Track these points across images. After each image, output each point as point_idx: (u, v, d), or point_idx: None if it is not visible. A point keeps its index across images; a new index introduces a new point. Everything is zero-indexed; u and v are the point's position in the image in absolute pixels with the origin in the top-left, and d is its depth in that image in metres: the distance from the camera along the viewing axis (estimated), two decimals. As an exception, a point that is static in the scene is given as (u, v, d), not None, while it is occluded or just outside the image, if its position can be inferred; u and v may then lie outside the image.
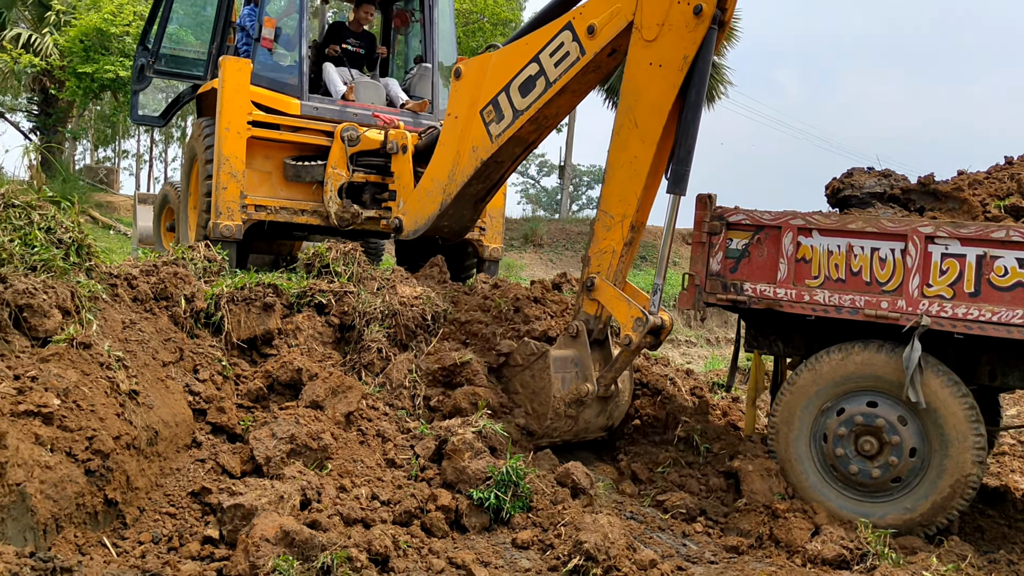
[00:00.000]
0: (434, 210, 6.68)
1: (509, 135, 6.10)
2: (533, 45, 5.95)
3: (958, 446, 4.89)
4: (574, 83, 5.81)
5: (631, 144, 5.37)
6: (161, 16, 8.49)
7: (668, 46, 5.15)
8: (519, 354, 5.61)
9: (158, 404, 4.52)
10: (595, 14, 5.55)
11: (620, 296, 5.38)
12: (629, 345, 5.29)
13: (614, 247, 5.49)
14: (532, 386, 5.53)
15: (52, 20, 21.18)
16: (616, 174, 5.48)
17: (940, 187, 5.30)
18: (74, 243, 4.70)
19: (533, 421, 5.48)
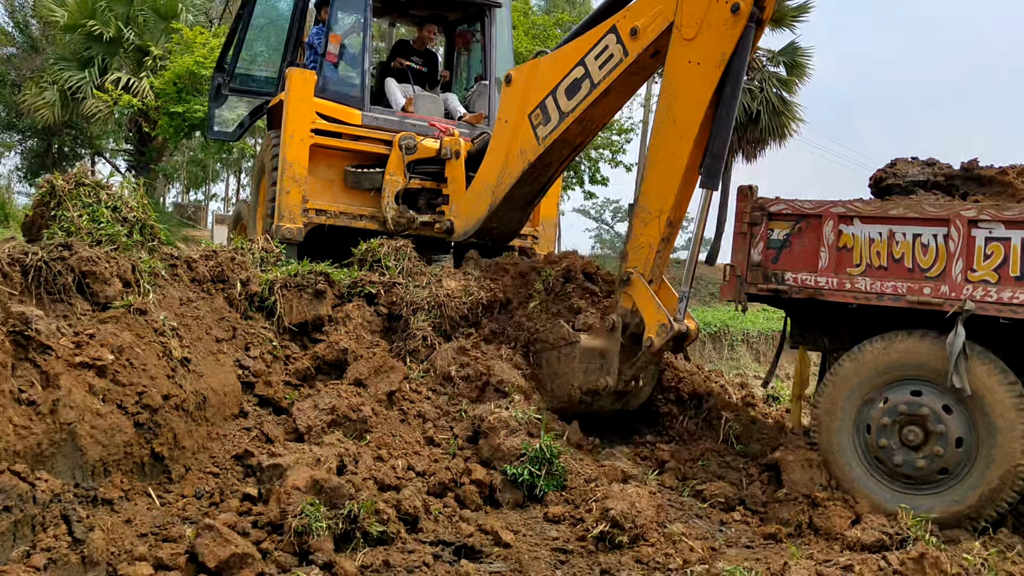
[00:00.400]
0: (484, 211, 6.87)
1: (556, 136, 6.27)
2: (579, 49, 6.14)
3: (1007, 435, 4.73)
4: (618, 84, 5.96)
5: (669, 140, 5.46)
6: (237, 39, 9.03)
7: (707, 44, 5.27)
8: (552, 334, 5.73)
9: (208, 373, 4.76)
10: (638, 17, 5.71)
11: (652, 297, 5.45)
12: (650, 347, 5.37)
13: (651, 242, 5.55)
14: (556, 368, 5.69)
15: (149, 64, 22.55)
16: (654, 170, 5.58)
17: (984, 172, 5.22)
18: (138, 222, 5.04)
19: (548, 398, 5.63)
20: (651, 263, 5.56)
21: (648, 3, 5.70)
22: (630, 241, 5.67)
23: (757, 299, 5.76)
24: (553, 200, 8.42)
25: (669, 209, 5.49)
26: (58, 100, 22.66)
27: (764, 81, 22.31)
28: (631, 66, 5.81)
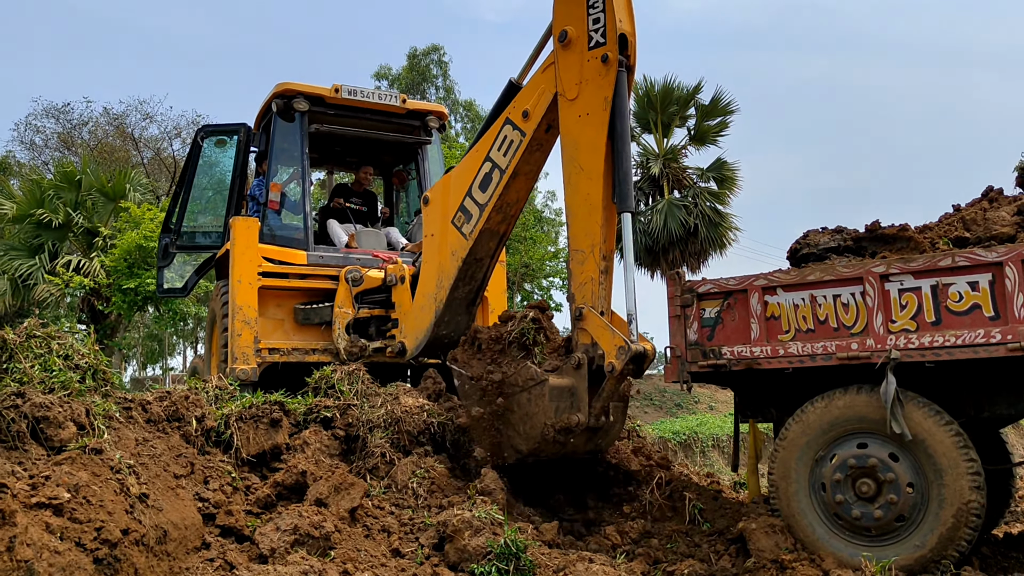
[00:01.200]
0: (430, 319, 7.11)
1: (480, 228, 6.72)
2: (482, 148, 6.76)
3: (952, 473, 4.89)
4: (523, 164, 6.51)
5: (582, 185, 5.93)
6: (181, 200, 9.40)
7: (590, 96, 5.86)
8: (520, 376, 5.82)
9: (168, 508, 4.75)
10: (525, 101, 6.38)
11: (605, 326, 5.67)
12: (612, 372, 5.54)
13: (592, 276, 5.85)
14: (527, 409, 5.75)
15: (99, 244, 22.91)
16: (576, 215, 5.99)
17: (887, 231, 5.61)
18: (91, 368, 5.14)
19: (522, 442, 5.70)
20: (597, 295, 5.81)
21: (530, 88, 6.37)
22: (573, 282, 5.93)
23: (700, 378, 5.95)
24: (501, 304, 8.67)
25: (599, 243, 5.84)
26: (8, 289, 22.76)
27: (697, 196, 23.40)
28: (530, 144, 6.39)
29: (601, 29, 5.78)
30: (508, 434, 5.89)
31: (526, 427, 5.76)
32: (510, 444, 5.85)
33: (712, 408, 22.85)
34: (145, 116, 29.98)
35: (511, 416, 5.85)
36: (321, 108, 8.63)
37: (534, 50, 6.48)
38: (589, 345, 5.79)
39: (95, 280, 22.27)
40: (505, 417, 5.87)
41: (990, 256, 4.81)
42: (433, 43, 33.99)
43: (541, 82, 6.28)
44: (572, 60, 5.95)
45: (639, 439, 8.07)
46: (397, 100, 8.99)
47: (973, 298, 4.91)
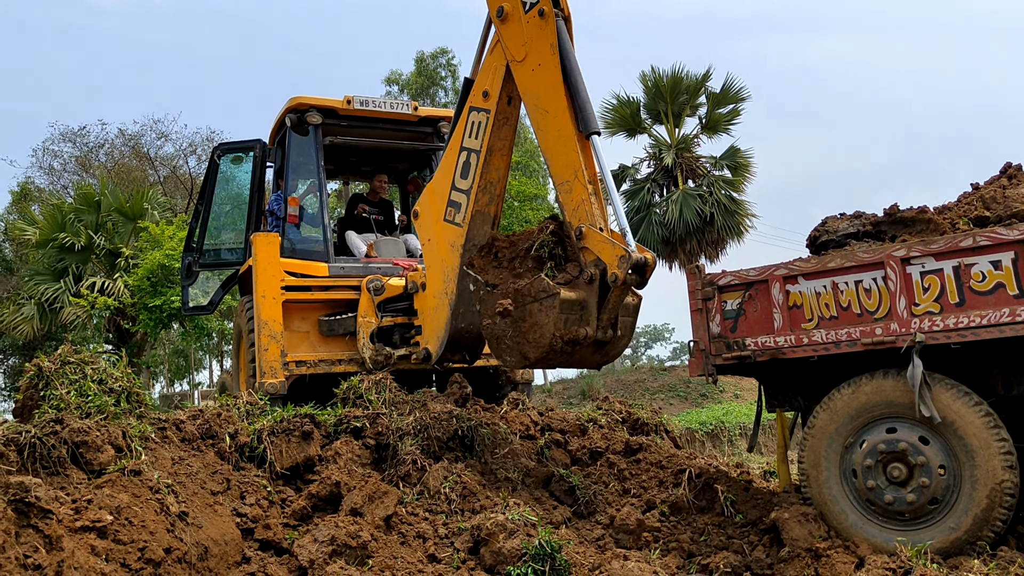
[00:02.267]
0: (446, 315, 7.19)
1: (471, 212, 6.90)
2: (455, 144, 7.05)
3: (983, 454, 4.88)
4: (495, 140, 6.80)
5: (551, 125, 6.14)
6: (201, 219, 9.52)
7: (537, 49, 6.19)
8: (533, 287, 5.81)
9: (207, 525, 4.84)
10: (482, 84, 6.76)
11: (605, 239, 5.74)
12: (616, 281, 5.60)
13: (583, 198, 5.92)
14: (537, 318, 5.74)
15: (122, 265, 23.19)
16: (552, 151, 6.16)
17: (906, 214, 5.59)
18: (124, 391, 5.24)
19: (531, 350, 5.74)
20: (592, 214, 5.88)
21: (484, 71, 6.74)
22: (567, 211, 6.00)
23: (725, 370, 5.96)
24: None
25: (580, 168, 5.96)
26: (36, 314, 23.11)
27: (712, 185, 23.32)
28: (496, 119, 6.71)
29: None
30: (518, 341, 5.89)
31: (535, 336, 5.76)
32: (519, 350, 5.86)
33: (738, 396, 22.80)
34: (160, 135, 30.30)
35: (522, 325, 5.83)
36: (334, 120, 8.71)
37: (479, 44, 6.91)
38: (593, 262, 5.81)
39: (120, 300, 22.54)
40: (517, 325, 5.87)
41: (1012, 234, 4.80)
42: (441, 46, 34.06)
43: (492, 62, 6.69)
44: (514, 28, 6.33)
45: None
46: (409, 108, 9.06)
47: (996, 277, 4.89)
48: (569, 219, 5.99)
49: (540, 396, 21.77)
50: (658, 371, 25.83)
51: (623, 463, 6.58)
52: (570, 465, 6.72)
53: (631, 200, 23.98)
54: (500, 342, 6.03)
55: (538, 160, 28.52)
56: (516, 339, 5.91)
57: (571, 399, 22.81)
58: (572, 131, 6.02)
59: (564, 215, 6.04)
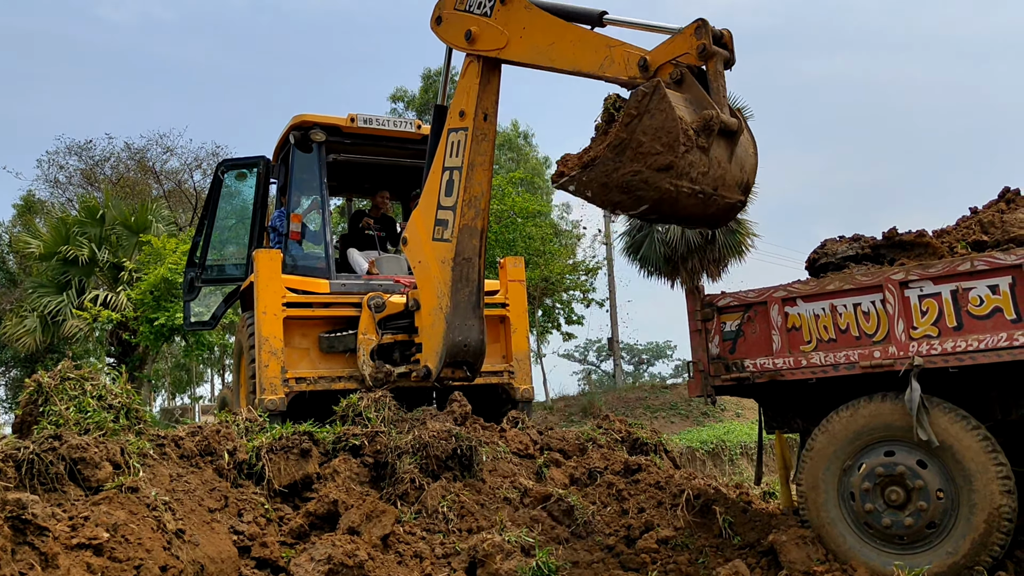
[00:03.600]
0: (443, 328, 7.28)
1: (458, 227, 7.10)
2: (436, 167, 7.32)
3: (981, 478, 4.87)
4: (474, 155, 7.07)
5: (566, 48, 6.16)
6: (204, 234, 9.57)
7: (514, 22, 6.58)
8: (631, 103, 5.26)
9: (204, 542, 4.85)
10: (458, 105, 7.12)
11: (668, 40, 5.54)
12: (705, 52, 5.30)
13: (625, 48, 5.78)
14: (655, 124, 5.13)
15: (125, 278, 23.25)
16: (580, 57, 6.04)
17: (905, 237, 5.61)
18: (124, 408, 5.26)
19: (668, 153, 5.07)
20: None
21: (457, 94, 7.11)
22: (618, 71, 5.81)
23: (724, 391, 5.97)
24: (522, 335, 8.74)
25: (607, 41, 5.93)
26: (38, 326, 23.14)
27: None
28: (475, 135, 7.04)
29: (482, 1, 6.75)
30: (650, 160, 5.15)
31: (663, 140, 5.09)
32: (656, 166, 5.12)
33: (739, 415, 22.74)
34: (166, 149, 30.43)
35: (643, 142, 5.16)
36: (338, 138, 8.77)
37: (443, 74, 7.60)
38: (674, 60, 5.46)
39: (122, 313, 22.58)
40: (639, 148, 5.18)
41: (1009, 259, 4.81)
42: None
43: (464, 84, 7.07)
44: (486, 35, 6.72)
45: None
46: (412, 126, 9.11)
47: (994, 301, 4.90)
48: (630, 74, 5.68)
49: (541, 413, 21.73)
50: (659, 389, 25.78)
51: (622, 483, 6.57)
52: (568, 485, 6.71)
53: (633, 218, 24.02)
54: (635, 182, 5.25)
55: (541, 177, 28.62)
56: (647, 160, 5.17)
57: (572, 415, 22.75)
58: (585, 31, 6.10)
59: (625, 73, 5.74)
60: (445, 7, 7.15)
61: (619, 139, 5.24)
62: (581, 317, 24.99)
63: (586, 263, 25.37)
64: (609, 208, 5.62)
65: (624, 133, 5.25)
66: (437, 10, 7.22)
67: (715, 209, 5.57)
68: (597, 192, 5.44)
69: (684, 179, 5.20)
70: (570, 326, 25.24)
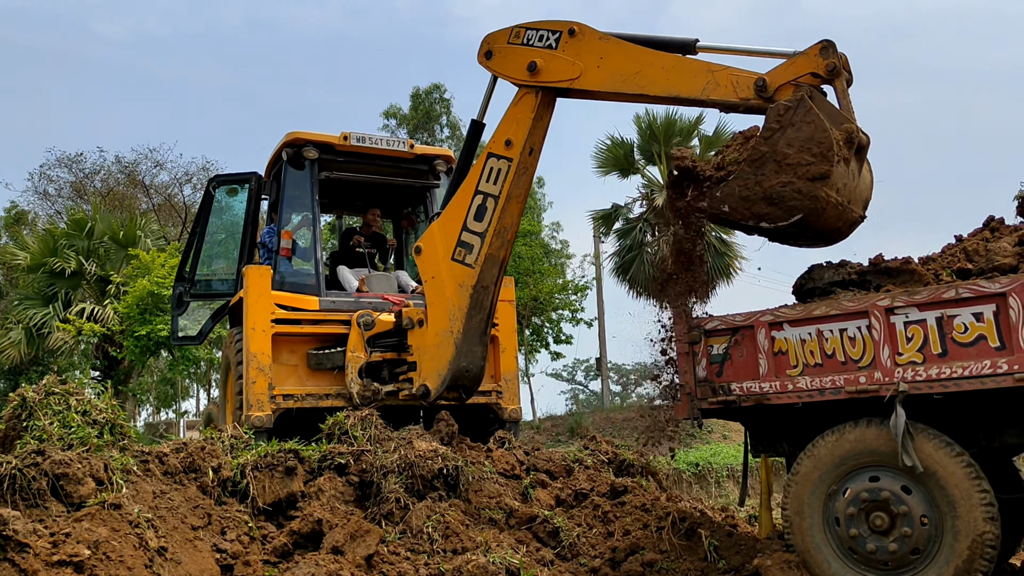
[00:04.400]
0: (451, 353, 7.28)
1: (485, 255, 7.06)
2: (469, 186, 7.19)
3: (965, 505, 4.89)
4: (514, 188, 7.00)
5: (655, 74, 6.16)
6: (194, 249, 9.55)
7: (588, 53, 6.55)
8: (772, 118, 5.34)
9: (186, 560, 4.81)
10: (505, 132, 7.04)
11: (787, 63, 5.58)
12: (834, 70, 5.39)
13: (730, 72, 5.84)
14: (802, 136, 5.20)
15: (112, 292, 23.13)
16: (675, 82, 6.08)
17: (891, 264, 5.66)
18: (108, 423, 5.23)
19: (822, 163, 5.15)
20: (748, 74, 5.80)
21: (507, 121, 7.03)
22: (727, 92, 5.83)
23: (711, 414, 5.99)
24: (511, 355, 8.75)
25: (708, 65, 5.98)
26: (23, 338, 22.95)
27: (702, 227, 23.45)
28: (518, 168, 6.95)
29: (544, 34, 6.75)
30: (800, 172, 5.23)
31: (813, 150, 5.18)
32: (807, 175, 5.21)
33: (726, 437, 22.73)
34: (156, 163, 30.37)
35: (789, 155, 5.24)
36: (331, 155, 8.79)
37: (487, 94, 7.36)
38: (794, 80, 5.55)
39: (108, 327, 22.45)
40: (783, 160, 5.26)
41: (993, 287, 4.86)
42: (434, 82, 34.44)
43: (516, 113, 7.00)
44: (555, 66, 6.66)
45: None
46: (405, 146, 9.15)
47: (978, 329, 4.94)
48: (741, 96, 5.74)
49: (528, 433, 21.68)
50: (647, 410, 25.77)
51: (608, 505, 6.56)
52: (554, 506, 6.69)
53: (623, 239, 24.09)
54: (786, 192, 5.29)
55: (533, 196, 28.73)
56: (797, 170, 5.23)
57: (559, 436, 22.71)
58: (676, 57, 6.10)
59: (734, 95, 5.79)
60: (496, 41, 7.08)
61: (759, 153, 5.37)
62: (570, 336, 25.01)
63: (575, 283, 25.43)
64: (752, 220, 5.58)
65: (765, 147, 5.37)
66: (486, 45, 7.13)
67: (843, 223, 5.70)
68: (737, 205, 5.54)
69: (833, 189, 5.32)
70: (558, 345, 25.26)
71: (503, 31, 7.07)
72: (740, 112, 5.92)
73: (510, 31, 7.01)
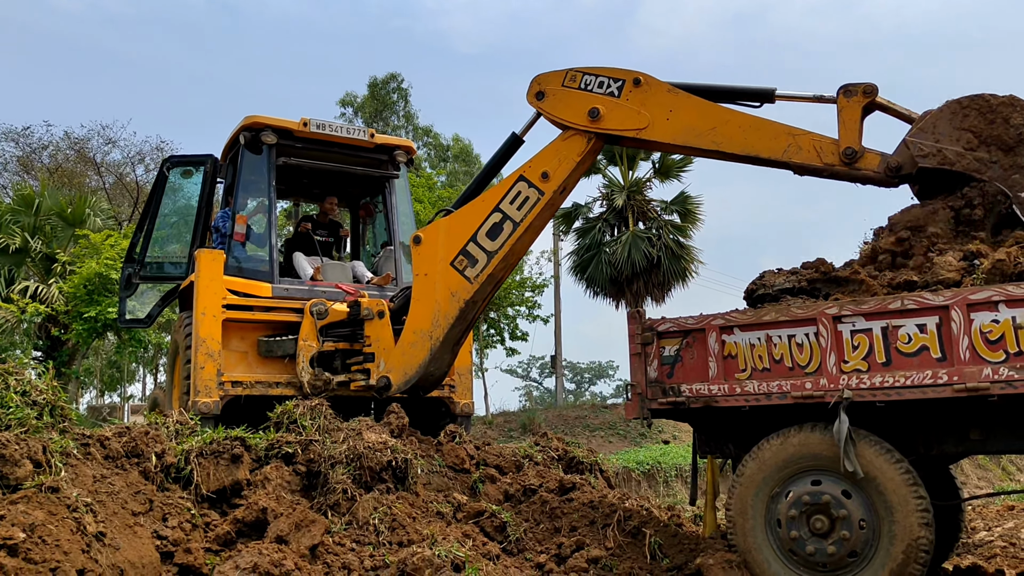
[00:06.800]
0: (424, 357, 7.26)
1: (487, 274, 6.99)
2: (491, 200, 7.04)
3: (902, 510, 5.02)
4: (537, 220, 6.90)
5: (732, 132, 6.22)
6: (145, 230, 9.36)
7: (655, 104, 6.54)
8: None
9: (125, 546, 4.71)
10: (543, 164, 6.91)
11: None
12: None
13: (813, 138, 5.96)
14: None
15: (58, 271, 22.56)
16: (753, 143, 6.15)
17: (840, 273, 5.77)
18: (48, 404, 5.10)
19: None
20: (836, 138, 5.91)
21: (550, 153, 6.86)
22: (824, 155, 5.93)
23: (660, 414, 6.06)
24: (466, 350, 8.73)
25: (787, 128, 6.08)
26: (-38, 315, 22.28)
27: (660, 229, 23.71)
28: (547, 203, 6.85)
29: (605, 81, 6.64)
30: None
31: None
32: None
33: (676, 438, 22.99)
34: (108, 141, 29.69)
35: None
36: (289, 141, 8.68)
37: (528, 126, 7.21)
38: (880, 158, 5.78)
39: (53, 307, 21.89)
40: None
41: (937, 300, 4.99)
42: (391, 72, 34.26)
43: (559, 151, 6.86)
44: (618, 114, 6.58)
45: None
46: (365, 135, 9.07)
47: (921, 340, 5.07)
48: (826, 162, 5.90)
49: (480, 428, 21.68)
50: (599, 408, 25.93)
51: (556, 501, 6.59)
52: (503, 501, 6.71)
53: (582, 238, 24.21)
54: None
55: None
56: None
57: (511, 431, 22.74)
58: (752, 116, 6.16)
59: (818, 161, 5.92)
60: (549, 83, 6.90)
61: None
62: (526, 333, 25.07)
63: (533, 280, 25.48)
64: None
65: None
66: (537, 85, 6.94)
67: None
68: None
69: None
70: (514, 342, 25.30)
71: (556, 73, 6.91)
72: (822, 177, 6.06)
73: (564, 74, 6.85)
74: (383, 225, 9.71)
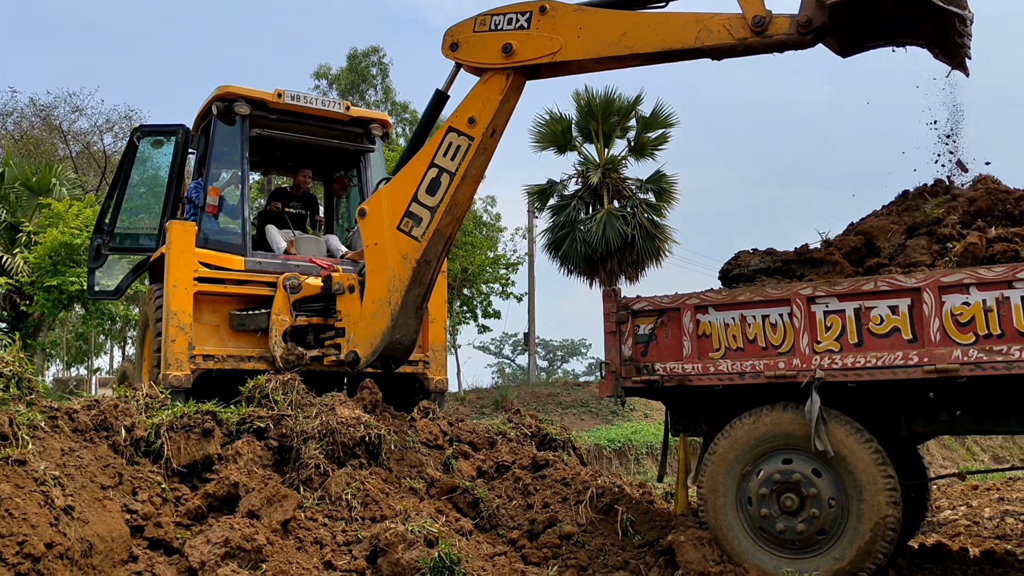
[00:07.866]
0: (386, 323, 7.18)
1: (432, 229, 6.94)
2: (425, 157, 7.03)
3: (871, 489, 5.10)
4: (471, 168, 6.87)
5: (642, 32, 6.15)
6: (115, 200, 9.19)
7: (565, 26, 6.47)
8: None
9: (94, 520, 4.65)
10: (469, 110, 6.86)
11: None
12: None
13: (722, 16, 5.84)
14: None
15: (22, 240, 22.14)
16: (665, 35, 6.05)
17: (815, 254, 5.82)
18: (15, 376, 5.00)
19: None
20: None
21: (472, 98, 6.85)
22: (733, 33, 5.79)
23: (634, 392, 6.08)
24: (440, 326, 8.71)
25: (697, 16, 5.96)
26: (-78, 286, 21.82)
27: (635, 208, 23.73)
28: (478, 148, 6.81)
29: (513, 17, 6.64)
30: None
31: None
32: None
33: (647, 416, 23.20)
34: (75, 109, 29.09)
35: None
36: (263, 112, 8.53)
37: (448, 82, 7.20)
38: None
39: (17, 278, 21.51)
40: None
41: (909, 282, 5.04)
42: (373, 45, 33.88)
43: (480, 93, 6.80)
44: (531, 43, 6.53)
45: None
46: (341, 107, 8.95)
47: (893, 321, 5.13)
48: (738, 36, 5.77)
49: (452, 404, 21.72)
50: (572, 386, 26.07)
51: (528, 478, 6.62)
52: (476, 478, 6.72)
53: (557, 215, 24.16)
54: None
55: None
56: None
57: (484, 408, 22.81)
58: (660, 13, 6.15)
59: (730, 38, 5.79)
60: (461, 32, 6.90)
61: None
62: (498, 311, 25.09)
63: (507, 257, 25.47)
64: None
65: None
66: (450, 38, 6.94)
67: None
68: None
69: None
70: (487, 319, 25.31)
71: (466, 22, 6.89)
72: (738, 55, 5.95)
73: (474, 20, 6.85)
74: (357, 200, 9.60)
